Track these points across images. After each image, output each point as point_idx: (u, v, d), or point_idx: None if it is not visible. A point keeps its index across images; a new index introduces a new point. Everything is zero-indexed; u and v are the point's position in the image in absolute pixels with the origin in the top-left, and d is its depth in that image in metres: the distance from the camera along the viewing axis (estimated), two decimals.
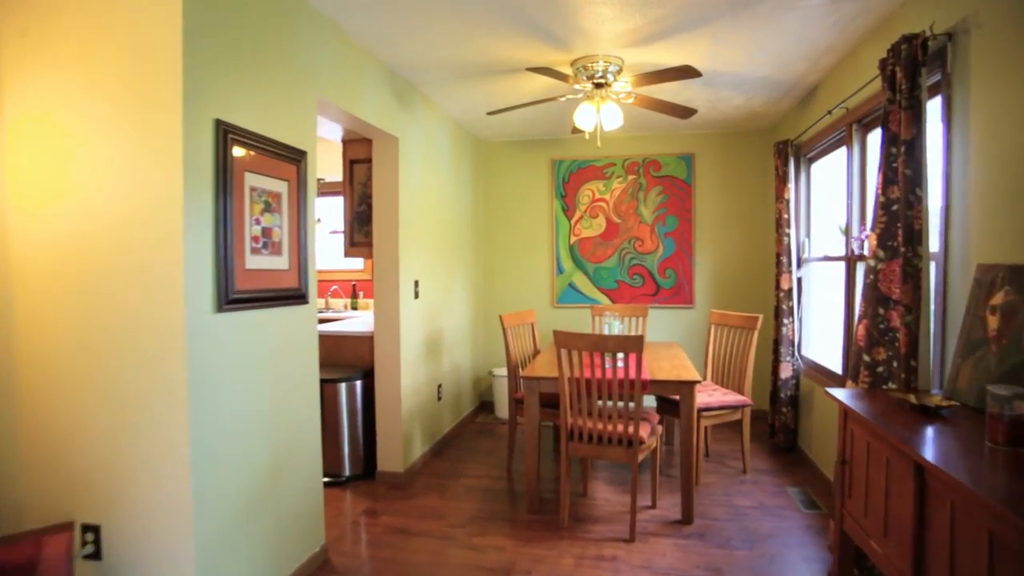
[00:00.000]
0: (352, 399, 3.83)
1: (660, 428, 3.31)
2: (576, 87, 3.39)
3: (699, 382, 3.09)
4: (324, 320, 5.39)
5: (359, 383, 3.85)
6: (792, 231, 4.24)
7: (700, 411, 3.56)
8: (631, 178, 5.40)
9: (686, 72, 2.96)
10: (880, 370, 2.42)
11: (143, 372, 1.96)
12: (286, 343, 2.53)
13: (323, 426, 3.80)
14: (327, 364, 4.10)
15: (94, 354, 2.00)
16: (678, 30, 2.99)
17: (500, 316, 3.96)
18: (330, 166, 5.57)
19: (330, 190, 6.15)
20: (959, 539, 1.37)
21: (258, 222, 2.29)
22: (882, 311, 2.41)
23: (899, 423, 1.77)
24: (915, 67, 2.27)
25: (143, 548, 1.98)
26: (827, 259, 3.91)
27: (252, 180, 2.25)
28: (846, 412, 2.13)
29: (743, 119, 4.83)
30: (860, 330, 2.56)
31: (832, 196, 4.01)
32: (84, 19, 1.98)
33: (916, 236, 2.26)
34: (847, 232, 3.39)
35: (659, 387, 3.13)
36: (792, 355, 4.25)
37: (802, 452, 4.16)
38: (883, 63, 2.50)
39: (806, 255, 4.34)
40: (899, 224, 2.35)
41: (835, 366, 3.69)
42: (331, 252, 6.16)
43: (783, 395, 4.28)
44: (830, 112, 3.39)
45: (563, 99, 3.50)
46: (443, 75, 3.69)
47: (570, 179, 5.51)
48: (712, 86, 3.94)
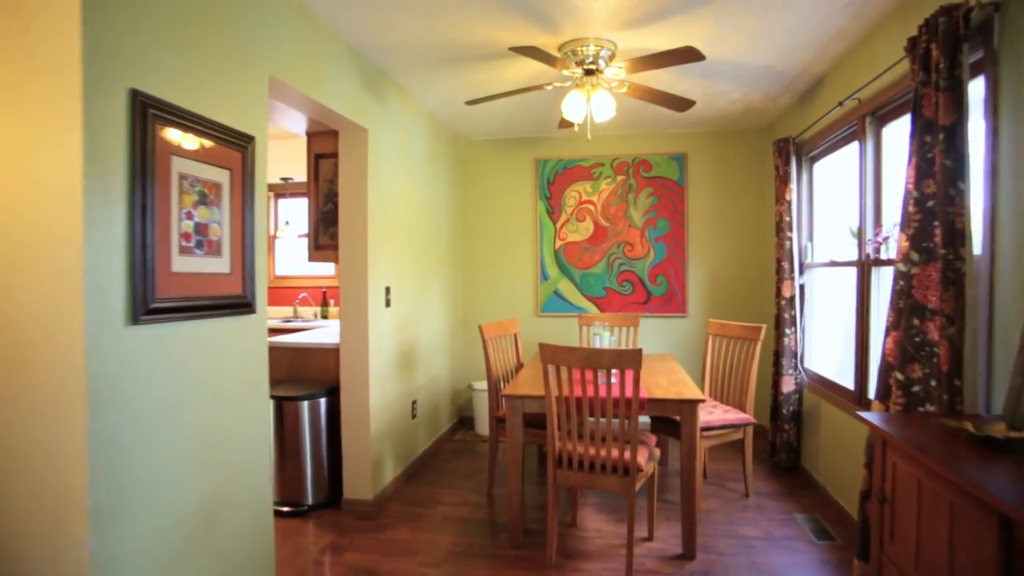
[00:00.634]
0: (315, 419, 3.45)
1: (657, 451, 2.97)
2: (564, 73, 3.07)
3: (702, 401, 2.77)
4: (292, 330, 4.99)
5: (323, 401, 3.47)
6: (794, 235, 3.96)
7: (700, 431, 3.23)
8: (620, 179, 5.10)
9: (688, 55, 2.65)
10: (916, 390, 2.11)
11: (28, 403, 1.57)
12: (228, 360, 2.15)
13: (283, 450, 3.42)
14: (289, 380, 3.71)
15: None
16: (677, 9, 2.69)
17: (480, 327, 3.61)
18: (298, 165, 5.19)
19: (299, 191, 5.76)
20: None
21: (190, 216, 1.92)
22: (917, 322, 2.11)
23: (964, 459, 1.45)
24: (955, 42, 1.98)
25: None
26: (833, 264, 3.62)
27: (182, 166, 1.88)
28: (884, 441, 1.81)
29: (739, 116, 4.55)
30: (889, 344, 2.25)
31: (838, 197, 3.73)
32: None
33: (959, 236, 1.96)
34: (860, 235, 3.10)
35: (657, 407, 2.80)
36: (795, 368, 3.95)
37: (806, 473, 3.85)
38: (913, 42, 2.21)
39: (809, 260, 4.05)
40: (936, 223, 2.06)
41: (845, 380, 3.40)
42: (300, 257, 5.76)
43: (785, 411, 3.97)
44: (841, 104, 3.11)
45: (550, 87, 3.18)
46: (418, 60, 3.35)
47: (555, 180, 5.19)
48: (709, 77, 3.65)
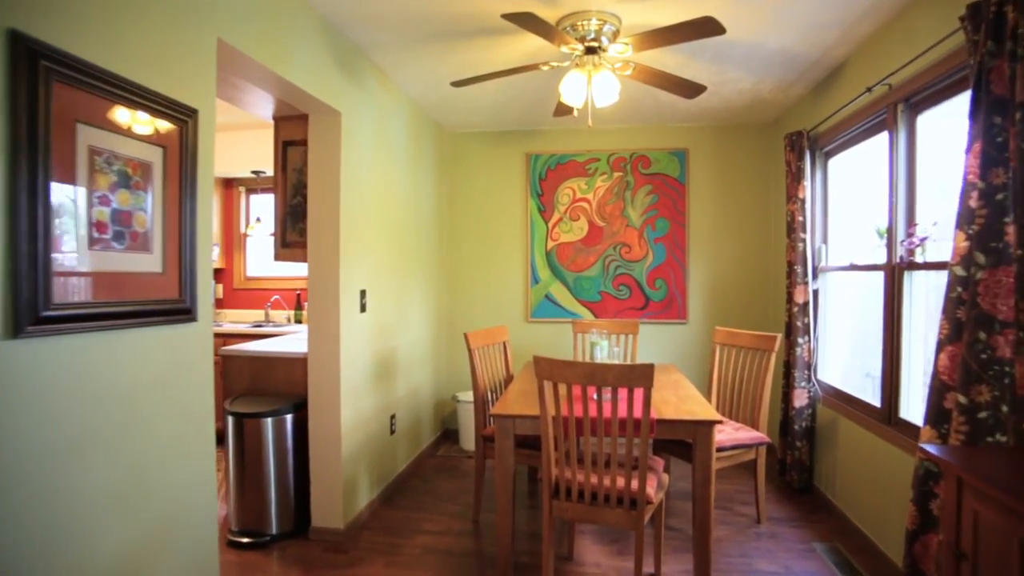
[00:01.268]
0: (280, 437, 3.06)
1: (666, 478, 2.63)
2: (563, 50, 2.73)
3: (719, 422, 2.43)
4: (262, 335, 4.60)
5: (290, 417, 3.09)
6: (808, 236, 3.64)
7: None
8: (617, 175, 4.77)
9: (706, 27, 2.32)
10: (983, 416, 1.78)
11: None
12: (159, 378, 1.78)
13: (243, 473, 3.04)
14: (252, 393, 3.33)
15: None
16: None
17: (465, 335, 3.25)
18: (270, 156, 4.80)
19: (271, 186, 5.36)
20: None
21: (105, 201, 1.54)
22: (983, 336, 1.78)
23: None
24: None
25: None
26: (854, 268, 3.31)
27: (93, 138, 1.50)
28: (960, 482, 1.48)
29: (745, 108, 4.23)
30: (943, 360, 1.93)
31: (858, 195, 3.42)
32: None
33: None
34: (889, 235, 2.79)
35: (667, 428, 2.46)
36: (808, 380, 3.64)
37: (821, 494, 3.53)
38: (976, 8, 1.89)
39: (823, 263, 3.74)
40: (1008, 219, 1.74)
41: (869, 396, 3.08)
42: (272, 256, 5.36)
43: (797, 426, 3.65)
44: (870, 90, 2.79)
45: (546, 67, 2.83)
46: (399, 36, 2.99)
47: (548, 176, 4.84)
48: (720, 62, 3.33)
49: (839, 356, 3.70)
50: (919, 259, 2.59)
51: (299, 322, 5.11)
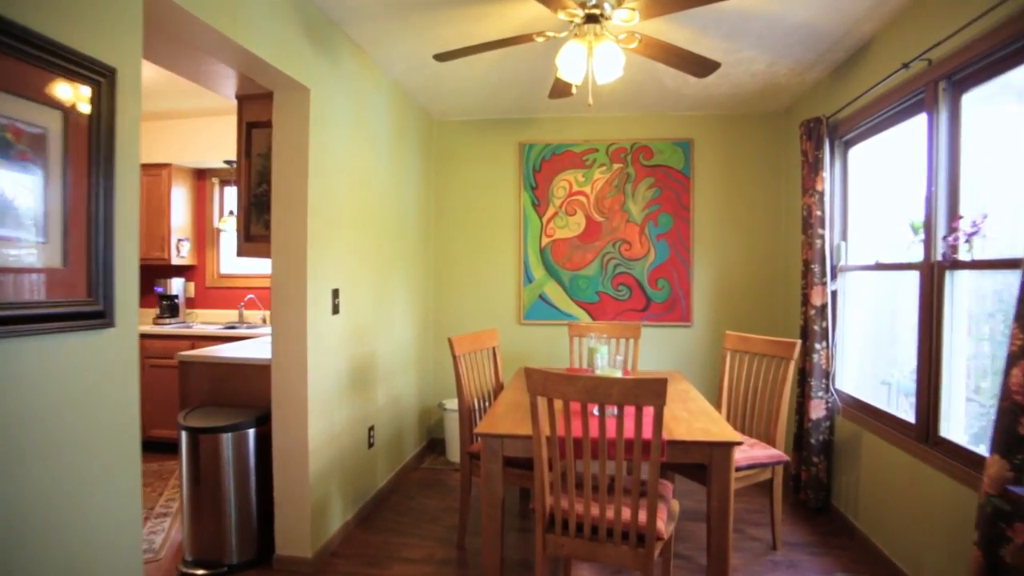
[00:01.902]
0: (241, 455, 2.73)
1: (676, 506, 2.31)
2: (561, 17, 2.40)
3: (739, 444, 2.11)
4: (235, 337, 4.26)
5: (252, 432, 2.75)
6: (827, 232, 3.33)
7: None
8: (617, 167, 4.44)
9: None
10: None
11: None
12: (67, 395, 1.44)
13: (198, 495, 2.70)
14: (211, 403, 2.99)
15: None
16: None
17: (450, 340, 2.91)
18: None
19: None
20: None
21: None
22: None
23: None
24: None
25: None
26: (880, 267, 3.00)
27: None
28: None
29: (757, 94, 3.91)
30: (1017, 376, 1.61)
31: (884, 187, 3.11)
32: None
33: None
34: (927, 230, 2.47)
35: (680, 450, 2.13)
36: (825, 390, 3.33)
37: (840, 515, 3.22)
38: None
39: (843, 262, 3.43)
40: None
41: (899, 409, 2.77)
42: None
43: (813, 440, 3.34)
44: (906, 66, 2.47)
45: (541, 39, 2.51)
46: (375, 6, 2.65)
47: (542, 167, 4.51)
48: (733, 38, 3.01)
49: (861, 364, 3.39)
50: (964, 256, 2.28)
51: None
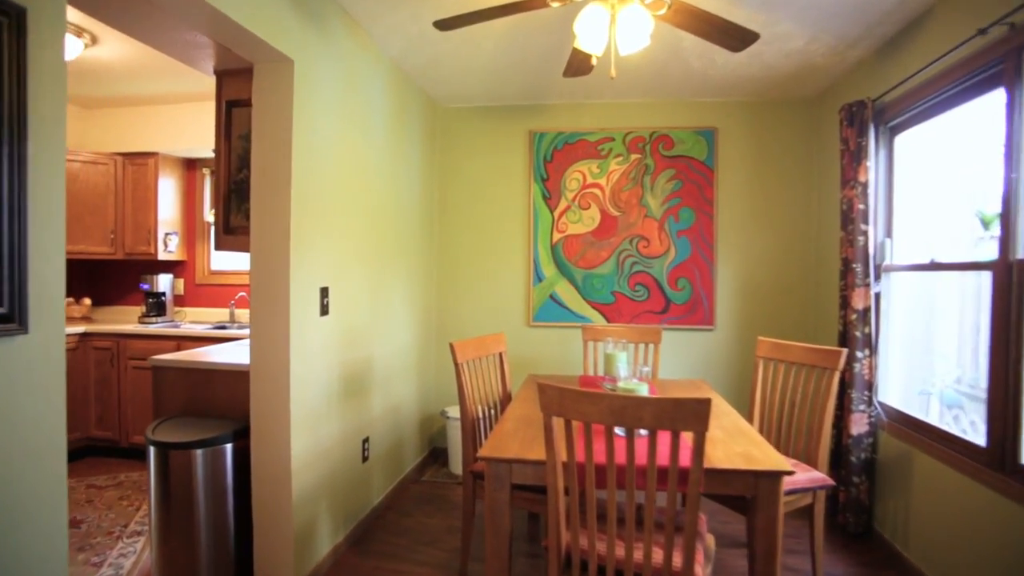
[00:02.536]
0: (217, 473, 2.43)
1: (712, 543, 1.99)
2: None
3: (790, 473, 1.79)
4: (224, 338, 3.97)
5: (229, 447, 2.45)
6: (871, 228, 3.00)
7: None
8: (634, 158, 4.12)
9: None
10: None
11: None
12: None
13: (168, 517, 2.41)
14: (188, 413, 2.70)
15: None
16: None
17: (451, 346, 2.60)
18: None
19: None
20: None
21: None
22: None
23: None
24: None
25: None
26: (935, 267, 2.67)
27: None
28: None
29: (790, 77, 3.58)
30: None
31: (938, 177, 2.78)
32: None
33: None
34: (1004, 224, 2.14)
35: (718, 480, 1.81)
36: (868, 402, 3.00)
37: (884, 542, 2.89)
38: None
39: (887, 261, 3.10)
40: None
41: (961, 428, 2.44)
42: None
43: (853, 458, 3.02)
44: (983, 31, 2.14)
45: (556, 3, 2.19)
46: None
47: (554, 157, 4.20)
48: (770, 9, 2.69)
49: (907, 374, 3.06)
50: None
51: None
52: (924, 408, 2.88)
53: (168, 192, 4.52)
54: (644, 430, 1.60)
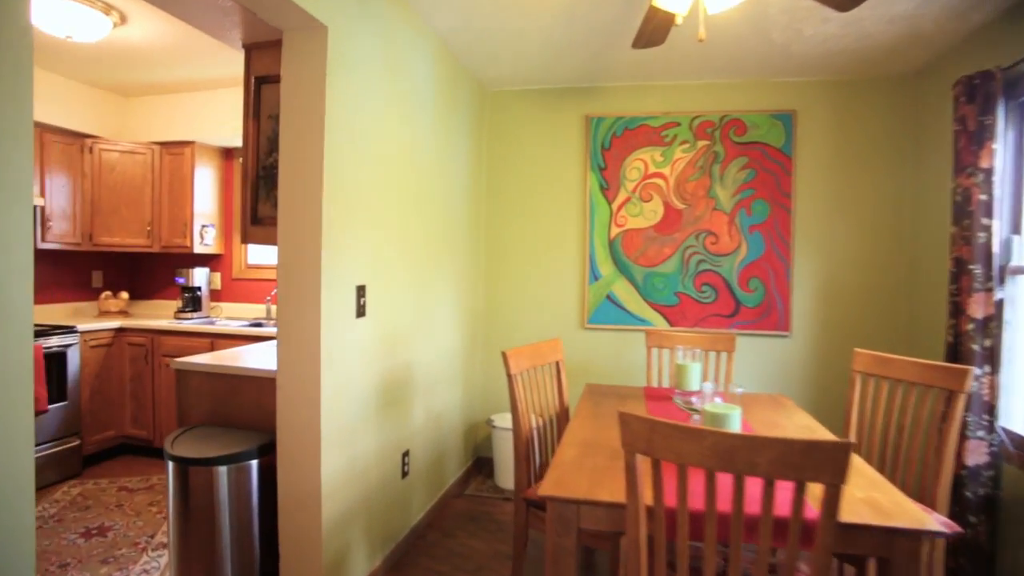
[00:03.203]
0: (241, 492, 2.18)
1: None
2: None
3: (944, 534, 1.40)
4: (259, 337, 3.75)
5: (255, 464, 2.20)
6: (996, 222, 2.55)
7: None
8: (702, 145, 3.72)
9: None
10: None
11: None
12: None
13: (188, 541, 2.16)
14: (213, 423, 2.46)
15: None
16: None
17: (504, 354, 2.28)
18: None
19: None
20: None
21: None
22: None
23: None
24: None
25: None
26: None
27: None
28: None
29: (888, 49, 3.13)
30: None
31: None
32: None
33: None
34: None
35: (844, 538, 1.44)
36: (988, 428, 2.55)
37: None
38: None
39: (1014, 262, 2.64)
40: None
41: None
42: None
43: (969, 493, 2.57)
44: None
45: None
46: None
47: (612, 145, 3.83)
48: None
49: None
50: None
51: None
52: None
53: (205, 183, 4.34)
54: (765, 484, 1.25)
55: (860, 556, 1.86)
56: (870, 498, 1.55)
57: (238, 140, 4.27)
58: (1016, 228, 2.64)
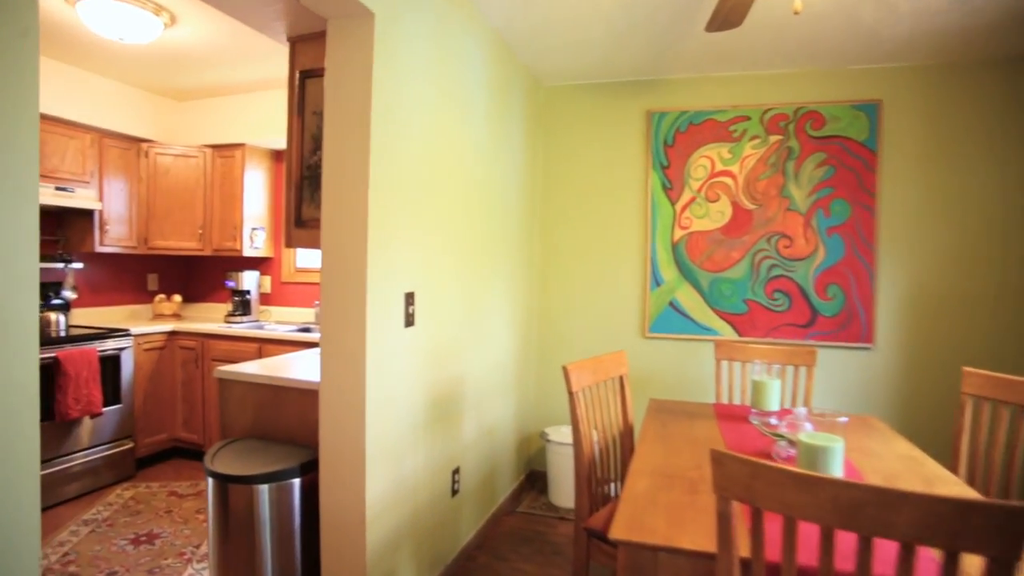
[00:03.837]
0: (283, 511, 2.05)
1: None
2: None
3: None
4: (307, 343, 3.66)
5: (297, 482, 2.06)
6: None
7: None
8: (775, 140, 3.43)
9: None
10: None
11: None
12: None
13: (227, 561, 2.05)
14: (256, 436, 2.35)
15: None
16: None
17: (565, 369, 2.08)
18: None
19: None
20: None
21: None
22: None
23: None
24: None
25: None
26: None
27: None
28: None
29: (995, 27, 2.78)
30: None
31: None
32: None
33: None
34: None
35: None
36: None
37: None
38: None
39: None
40: None
41: None
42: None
43: None
44: None
45: None
46: None
47: (676, 141, 3.58)
48: None
49: None
50: None
51: None
52: None
53: (255, 185, 4.30)
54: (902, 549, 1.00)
55: None
56: None
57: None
58: None
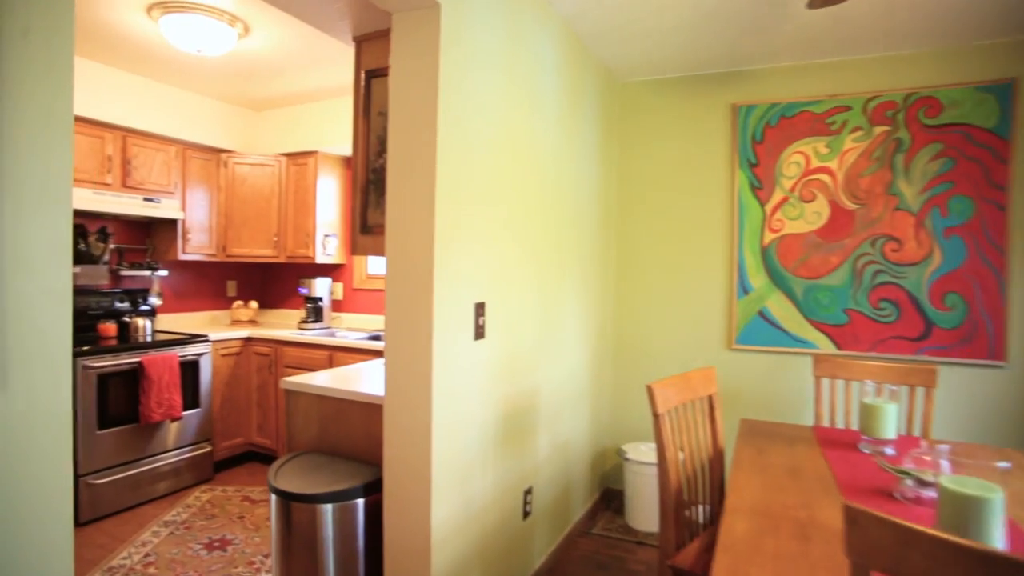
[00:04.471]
0: (347, 532, 1.95)
1: None
2: None
3: None
4: (375, 352, 3.61)
5: (361, 503, 1.96)
6: None
7: None
8: (880, 131, 3.08)
9: None
10: None
11: None
12: None
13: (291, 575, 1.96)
14: (321, 450, 2.27)
15: None
16: None
17: (649, 388, 1.87)
18: None
19: None
20: None
21: None
22: None
23: None
24: None
25: None
26: None
27: None
28: None
29: None
30: None
31: None
32: None
33: None
34: None
35: None
36: None
37: None
38: None
39: None
40: None
41: None
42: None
43: None
44: None
45: None
46: None
47: (765, 137, 3.29)
48: None
49: None
50: None
51: None
52: None
53: (327, 192, 4.32)
54: None
55: None
56: None
57: None
58: None
